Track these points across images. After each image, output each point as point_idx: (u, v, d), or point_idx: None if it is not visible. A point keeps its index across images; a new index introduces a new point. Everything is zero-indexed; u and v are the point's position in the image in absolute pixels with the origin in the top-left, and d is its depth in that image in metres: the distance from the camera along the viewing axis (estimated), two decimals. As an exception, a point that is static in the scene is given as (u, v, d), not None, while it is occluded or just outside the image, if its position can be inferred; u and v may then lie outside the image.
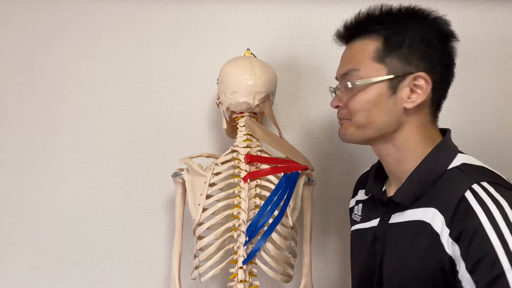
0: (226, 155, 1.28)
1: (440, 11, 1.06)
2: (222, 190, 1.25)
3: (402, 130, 1.02)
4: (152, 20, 1.50)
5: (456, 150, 1.04)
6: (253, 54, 1.34)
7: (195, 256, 1.25)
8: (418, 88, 1.00)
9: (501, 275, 0.85)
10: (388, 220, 1.05)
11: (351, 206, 1.24)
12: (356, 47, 1.06)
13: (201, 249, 1.24)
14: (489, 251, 0.87)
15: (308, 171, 1.30)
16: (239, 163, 1.26)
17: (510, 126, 1.54)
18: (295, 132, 1.51)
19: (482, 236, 0.88)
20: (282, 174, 1.24)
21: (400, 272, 1.01)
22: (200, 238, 1.25)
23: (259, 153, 1.28)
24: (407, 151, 1.03)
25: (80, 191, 1.48)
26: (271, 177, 1.24)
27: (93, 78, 1.49)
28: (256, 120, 1.31)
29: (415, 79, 1.00)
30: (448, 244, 0.92)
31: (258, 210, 1.21)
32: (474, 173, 0.97)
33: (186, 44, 1.50)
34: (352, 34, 1.08)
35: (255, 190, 1.24)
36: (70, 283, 1.47)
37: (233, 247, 1.23)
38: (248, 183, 1.23)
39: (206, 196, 1.24)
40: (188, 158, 1.30)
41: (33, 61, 1.48)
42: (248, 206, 1.22)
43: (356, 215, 1.19)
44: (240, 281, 1.21)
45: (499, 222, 0.88)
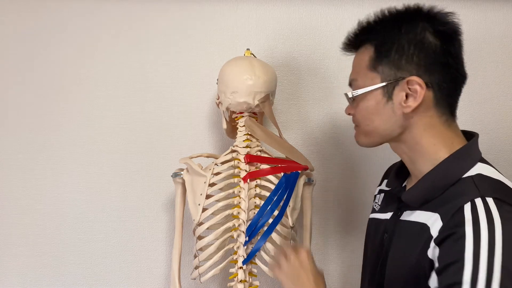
0: (226, 155, 1.28)
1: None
2: (222, 190, 1.25)
3: (410, 132, 1.02)
4: (152, 20, 1.50)
5: (476, 159, 1.01)
6: (253, 54, 1.34)
7: (195, 256, 1.25)
8: (413, 92, 0.99)
9: (457, 284, 0.86)
10: (400, 216, 1.06)
11: (374, 194, 1.24)
12: (357, 57, 1.08)
13: (201, 249, 1.24)
14: (459, 259, 0.88)
15: (308, 171, 1.30)
16: (239, 163, 1.26)
17: (510, 126, 1.54)
18: (295, 132, 1.51)
19: (461, 244, 0.88)
20: (282, 174, 1.24)
21: (398, 269, 1.02)
22: (200, 238, 1.25)
23: (259, 153, 1.28)
24: (420, 152, 1.03)
25: (80, 191, 1.48)
26: (271, 177, 1.24)
27: (93, 78, 1.49)
28: (256, 120, 1.31)
29: (408, 83, 0.99)
30: (432, 247, 0.94)
31: (258, 210, 1.21)
32: (486, 186, 0.95)
33: (186, 44, 1.50)
34: (354, 43, 1.09)
35: (255, 190, 1.24)
36: (70, 283, 1.47)
37: (233, 247, 1.23)
38: (248, 183, 1.23)
39: (206, 196, 1.24)
40: (188, 158, 1.30)
41: (33, 61, 1.48)
42: (248, 206, 1.22)
43: (377, 204, 1.19)
44: (240, 281, 1.21)
45: (482, 240, 0.88)
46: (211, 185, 1.25)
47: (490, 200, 0.91)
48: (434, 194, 0.99)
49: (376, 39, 1.03)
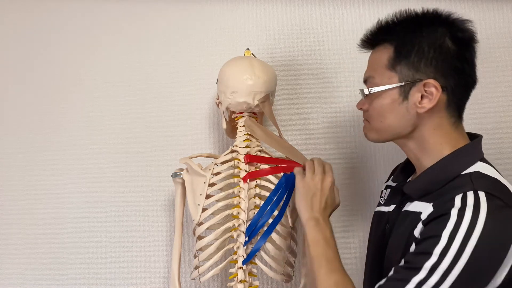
0: (225, 155, 1.28)
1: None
2: (221, 190, 1.25)
3: (420, 130, 1.07)
4: (152, 20, 1.50)
5: (477, 158, 1.05)
6: (253, 54, 1.34)
7: (195, 256, 1.25)
8: (428, 93, 1.03)
9: (428, 254, 0.93)
10: (402, 208, 1.10)
11: (381, 190, 1.28)
12: (374, 55, 1.12)
13: (201, 249, 1.24)
14: (438, 235, 0.93)
15: (308, 171, 1.30)
16: (238, 163, 1.26)
17: (510, 126, 1.54)
18: (295, 132, 1.51)
19: (443, 223, 0.94)
20: (282, 174, 1.24)
21: (393, 254, 1.06)
22: (200, 238, 1.25)
23: (258, 153, 1.28)
24: (426, 150, 1.07)
25: (80, 191, 1.48)
26: (270, 177, 1.25)
27: (93, 78, 1.49)
28: (256, 120, 1.31)
29: (425, 85, 1.03)
30: (419, 228, 1.00)
31: (258, 210, 1.21)
32: (481, 182, 0.99)
33: (186, 44, 1.50)
34: (372, 41, 1.12)
35: (255, 190, 1.24)
36: (70, 283, 1.47)
37: (233, 247, 1.23)
38: (248, 183, 1.23)
39: (206, 196, 1.24)
40: (188, 158, 1.30)
41: (33, 61, 1.48)
42: (248, 206, 1.22)
43: (382, 198, 1.23)
44: (240, 281, 1.21)
45: (463, 223, 0.93)
46: (211, 185, 1.25)
47: (481, 194, 0.96)
48: (433, 188, 1.04)
49: (396, 40, 1.06)
